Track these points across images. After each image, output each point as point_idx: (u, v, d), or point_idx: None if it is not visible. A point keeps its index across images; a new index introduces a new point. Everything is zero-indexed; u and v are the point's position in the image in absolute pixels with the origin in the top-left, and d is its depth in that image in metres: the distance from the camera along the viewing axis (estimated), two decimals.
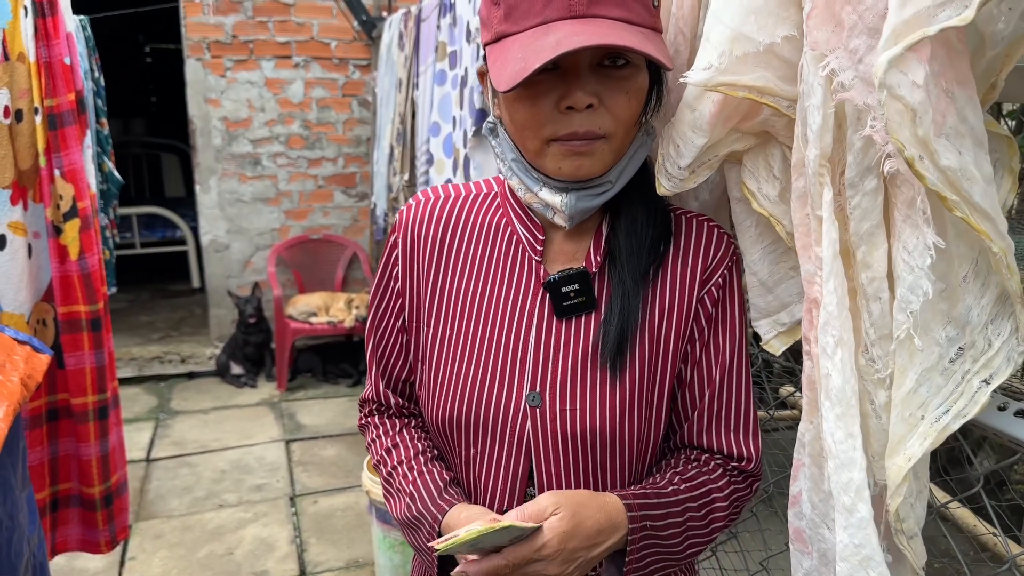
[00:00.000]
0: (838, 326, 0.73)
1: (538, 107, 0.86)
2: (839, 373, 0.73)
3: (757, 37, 0.78)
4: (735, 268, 0.97)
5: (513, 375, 0.95)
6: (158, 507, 3.30)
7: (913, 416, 0.72)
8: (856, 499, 0.72)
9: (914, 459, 0.71)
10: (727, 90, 0.80)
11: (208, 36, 4.65)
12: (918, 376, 0.71)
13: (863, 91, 0.67)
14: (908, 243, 0.69)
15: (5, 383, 1.34)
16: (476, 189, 1.07)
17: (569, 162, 0.88)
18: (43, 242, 2.00)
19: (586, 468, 0.94)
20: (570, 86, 0.84)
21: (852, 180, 0.72)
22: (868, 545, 0.71)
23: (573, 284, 0.94)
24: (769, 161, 0.87)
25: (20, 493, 1.46)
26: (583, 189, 0.91)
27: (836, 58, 0.68)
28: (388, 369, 1.10)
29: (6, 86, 1.87)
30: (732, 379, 0.97)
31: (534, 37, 0.83)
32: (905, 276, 0.69)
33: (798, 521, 0.85)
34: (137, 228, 6.32)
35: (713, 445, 0.98)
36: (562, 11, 0.82)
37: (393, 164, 3.74)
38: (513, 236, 1.01)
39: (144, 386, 4.70)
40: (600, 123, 0.86)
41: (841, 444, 0.73)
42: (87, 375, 2.02)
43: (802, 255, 0.78)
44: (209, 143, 4.81)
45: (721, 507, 0.95)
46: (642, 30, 0.84)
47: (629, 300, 0.93)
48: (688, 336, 0.96)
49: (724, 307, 0.96)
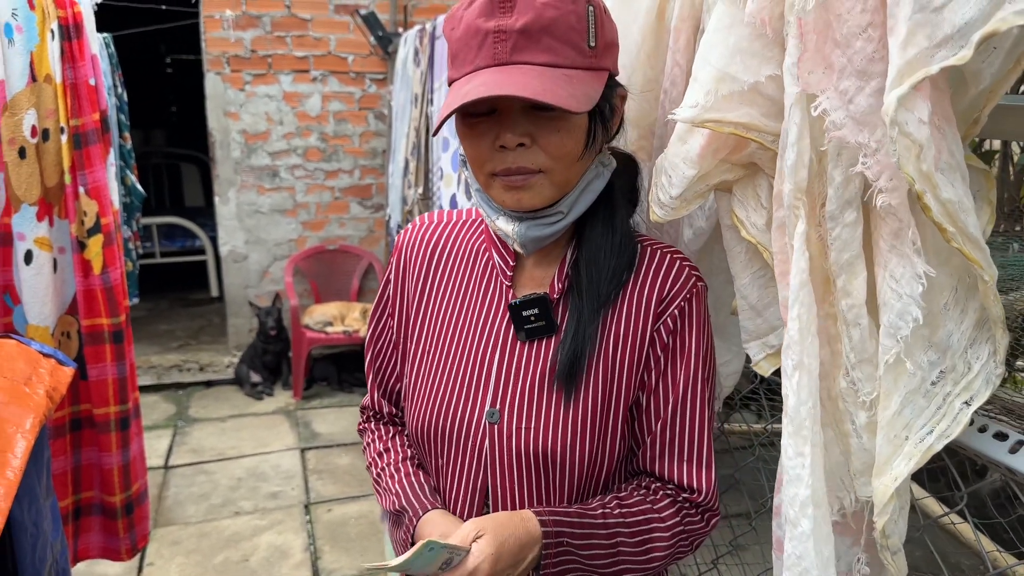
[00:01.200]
0: (799, 350, 0.77)
1: (479, 146, 0.92)
2: (795, 395, 0.77)
3: (742, 76, 0.82)
4: (696, 300, 0.99)
5: (476, 392, 1.01)
6: (175, 514, 3.37)
7: (898, 437, 0.76)
8: (800, 514, 0.76)
9: (900, 479, 0.75)
10: (714, 126, 0.85)
11: (228, 51, 4.75)
12: (902, 399, 0.75)
13: (854, 130, 0.71)
14: (895, 272, 0.73)
15: (31, 396, 1.39)
16: (467, 216, 1.13)
17: (509, 195, 0.94)
18: (68, 257, 2.07)
19: (539, 485, 0.98)
20: (502, 127, 0.90)
21: (832, 213, 0.77)
22: (807, 558, 0.76)
23: (533, 308, 0.99)
24: (757, 191, 0.92)
25: (44, 501, 1.51)
26: (534, 219, 0.96)
27: (827, 98, 0.73)
28: (383, 379, 1.18)
29: (34, 107, 1.94)
30: (686, 410, 0.99)
31: (462, 84, 0.89)
32: (893, 303, 0.73)
33: (779, 531, 0.89)
34: (157, 238, 6.42)
35: (664, 474, 1.00)
36: (488, 59, 0.88)
37: (408, 177, 3.80)
38: (490, 261, 1.06)
39: (163, 394, 4.78)
40: (533, 160, 0.91)
41: (791, 460, 0.77)
42: (109, 386, 2.08)
43: (780, 282, 0.82)
44: (228, 155, 4.90)
45: (662, 537, 0.97)
46: (567, 72, 0.87)
47: (584, 326, 0.97)
48: (644, 364, 0.99)
49: (681, 338, 0.98)
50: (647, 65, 1.10)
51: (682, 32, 1.03)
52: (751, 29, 0.80)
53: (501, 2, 0.86)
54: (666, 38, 1.06)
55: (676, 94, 1.04)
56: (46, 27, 1.95)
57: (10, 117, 1.89)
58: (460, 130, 0.94)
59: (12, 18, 1.89)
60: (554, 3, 0.86)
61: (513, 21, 0.86)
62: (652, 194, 0.98)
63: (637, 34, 1.08)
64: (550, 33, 0.86)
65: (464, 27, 0.90)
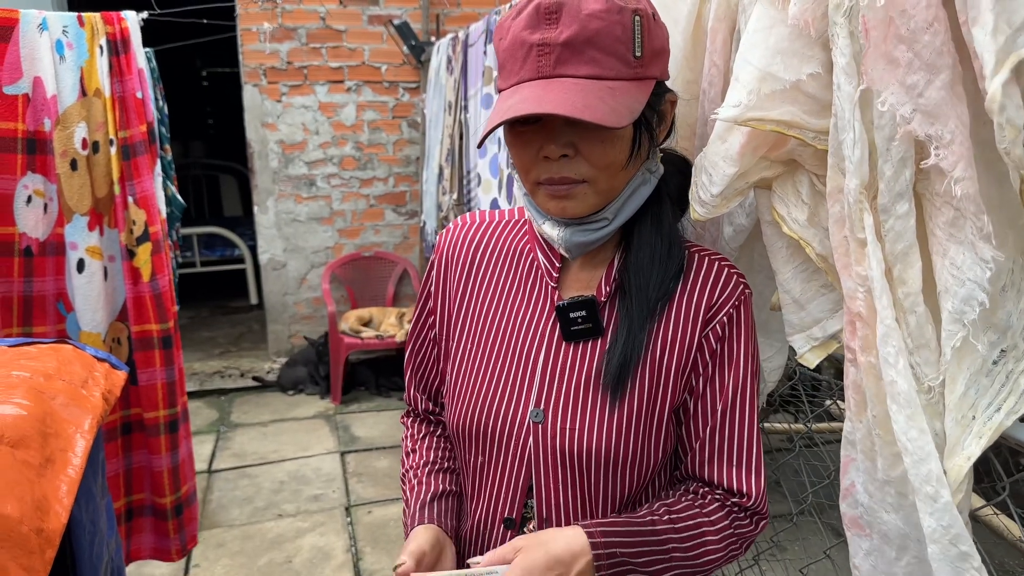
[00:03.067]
0: (897, 337, 0.78)
1: (524, 155, 0.94)
2: (904, 379, 0.78)
3: (784, 75, 0.84)
4: (743, 308, 1.00)
5: (521, 391, 1.02)
6: (220, 517, 3.43)
7: (965, 418, 0.77)
8: (938, 487, 0.77)
9: (973, 457, 0.77)
10: (756, 125, 0.86)
11: (264, 63, 4.84)
12: (967, 380, 0.77)
13: (924, 123, 0.72)
14: (956, 259, 0.74)
15: (88, 398, 1.44)
16: (509, 216, 1.15)
17: (554, 204, 0.95)
18: (118, 265, 2.13)
19: (583, 486, 0.99)
20: (546, 138, 0.91)
21: (884, 205, 0.78)
22: (956, 524, 0.76)
23: (581, 311, 1.00)
24: (797, 187, 0.93)
25: (100, 501, 1.56)
26: (580, 225, 0.98)
27: (892, 94, 0.73)
28: (422, 376, 1.20)
29: (84, 120, 2.01)
30: (735, 414, 1.00)
31: (508, 96, 0.90)
32: (956, 289, 0.74)
33: (852, 510, 0.90)
34: (197, 247, 6.55)
35: (713, 479, 1.01)
36: (532, 72, 0.89)
37: (443, 183, 3.84)
38: (535, 262, 1.08)
39: (205, 400, 4.87)
40: (576, 170, 0.92)
41: (916, 441, 0.78)
42: (159, 390, 2.14)
43: (843, 274, 0.84)
44: (267, 166, 4.99)
45: (713, 540, 0.98)
46: (611, 84, 0.87)
47: (634, 332, 0.98)
48: (692, 368, 0.99)
49: (729, 344, 0.99)
50: (686, 68, 1.11)
51: (718, 33, 1.04)
52: (792, 29, 0.82)
53: (547, 14, 0.87)
54: (703, 40, 1.08)
55: (714, 94, 1.05)
56: (95, 43, 2.01)
57: (62, 131, 1.96)
58: (507, 139, 0.96)
59: (63, 35, 1.96)
60: (599, 14, 0.86)
61: (557, 34, 0.86)
62: (692, 192, 0.99)
63: (679, 38, 1.10)
64: (594, 45, 0.87)
65: (511, 38, 0.91)
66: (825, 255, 0.92)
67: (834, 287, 0.96)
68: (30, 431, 1.20)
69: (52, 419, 1.28)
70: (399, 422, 1.28)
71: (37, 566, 1.07)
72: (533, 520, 1.03)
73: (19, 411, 1.21)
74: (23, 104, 1.88)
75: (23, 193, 1.90)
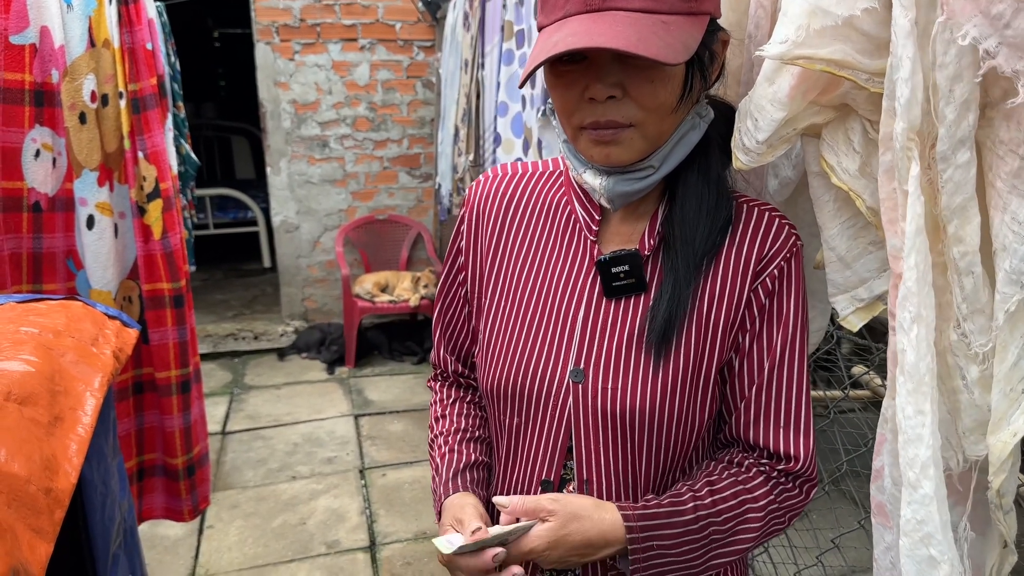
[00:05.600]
0: (916, 302, 0.72)
1: (567, 96, 0.88)
2: (913, 349, 0.72)
3: (836, 10, 0.76)
4: (795, 261, 0.94)
5: (560, 350, 0.97)
6: (234, 478, 3.43)
7: (1014, 391, 0.71)
8: (921, 475, 0.71)
9: (1020, 434, 0.70)
10: (804, 63, 0.79)
11: (277, 20, 4.74)
12: (1020, 349, 0.70)
13: (1011, 57, 0.64)
14: (1018, 214, 0.67)
15: (99, 355, 1.40)
16: (543, 167, 1.09)
17: (597, 150, 0.89)
18: (128, 222, 2.08)
19: (624, 447, 0.95)
20: (592, 77, 0.85)
21: (944, 153, 0.71)
22: (930, 522, 0.71)
23: (623, 265, 0.95)
24: (849, 135, 0.86)
25: (112, 460, 1.53)
26: (623, 173, 0.92)
27: (975, 26, 0.66)
28: (452, 335, 1.15)
29: (93, 72, 1.95)
30: (783, 373, 0.94)
31: (551, 32, 0.84)
32: (1016, 247, 0.67)
33: (880, 495, 0.84)
34: (210, 209, 6.52)
35: (760, 441, 0.96)
36: (580, 5, 0.82)
37: (458, 144, 3.77)
38: (572, 215, 1.02)
39: (219, 362, 4.87)
40: (624, 113, 0.86)
41: (910, 420, 0.72)
42: (170, 350, 2.10)
43: (888, 230, 0.77)
44: (279, 126, 4.92)
45: (754, 518, 0.93)
46: (664, 18, 0.81)
47: (680, 288, 0.92)
48: (739, 325, 0.94)
49: (779, 299, 0.94)
50: (730, 8, 1.03)
51: None
52: None
53: None
54: None
55: (760, 37, 0.98)
56: None
57: (70, 82, 1.90)
58: (548, 79, 0.89)
59: None
60: None
61: None
62: (735, 139, 0.92)
63: None
64: None
65: None
66: (876, 208, 0.85)
67: (883, 244, 0.90)
68: (38, 388, 1.16)
69: (61, 376, 1.24)
70: (425, 385, 1.24)
71: (46, 527, 1.04)
72: (573, 482, 0.98)
73: (27, 368, 1.18)
74: (30, 54, 1.82)
75: (31, 147, 1.85)
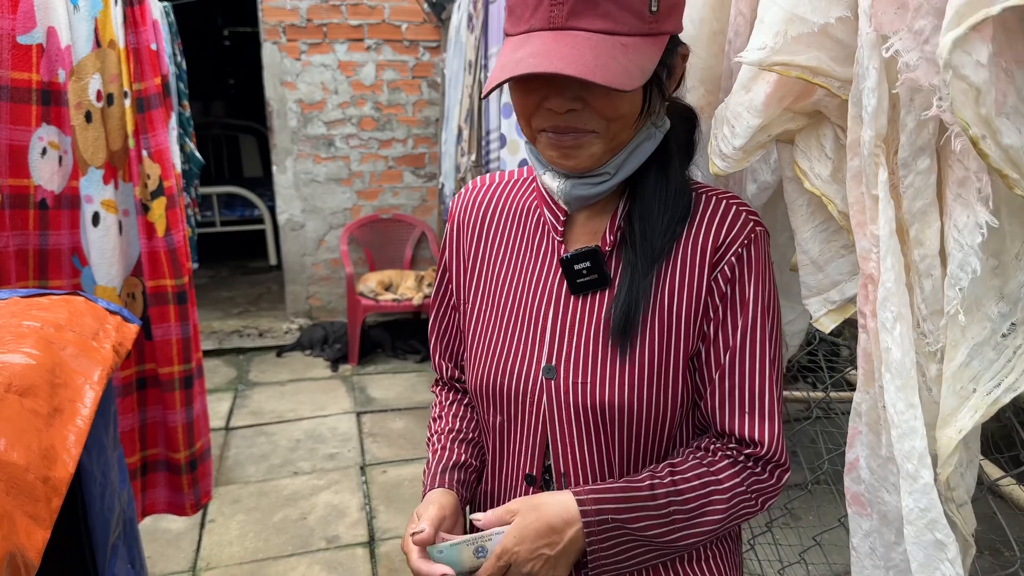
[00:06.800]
0: (896, 301, 0.74)
1: (526, 102, 0.89)
2: (899, 347, 0.75)
3: (811, 18, 0.79)
4: (754, 247, 0.95)
5: (532, 348, 1.00)
6: (236, 473, 3.46)
7: (964, 389, 0.73)
8: (919, 466, 0.74)
9: (964, 431, 0.73)
10: (781, 70, 0.82)
11: (284, 20, 4.78)
12: (969, 350, 0.73)
13: (928, 71, 0.68)
14: (959, 221, 0.70)
15: (99, 350, 1.44)
16: (519, 175, 1.12)
17: (557, 153, 0.91)
18: (132, 219, 2.12)
19: (598, 440, 0.97)
20: (552, 91, 0.86)
21: (905, 160, 0.74)
22: (933, 509, 0.74)
23: (585, 262, 0.97)
24: (821, 141, 0.88)
25: (112, 453, 1.56)
26: (580, 178, 0.94)
27: (900, 39, 0.69)
28: (446, 342, 1.19)
29: (98, 71, 1.98)
30: (744, 359, 0.95)
31: (515, 45, 0.85)
32: (955, 253, 0.70)
33: (856, 486, 0.87)
34: (217, 207, 6.57)
35: (725, 427, 0.97)
36: (543, 21, 0.84)
37: (461, 144, 3.80)
38: (541, 217, 1.05)
39: (224, 358, 4.91)
40: (585, 122, 0.88)
41: (903, 414, 0.75)
42: (173, 346, 2.14)
43: (857, 232, 0.79)
44: (285, 125, 4.96)
45: (719, 500, 0.95)
46: (624, 41, 0.83)
47: (637, 280, 0.94)
48: (703, 314, 0.95)
49: (739, 286, 0.94)
50: (712, 18, 1.06)
51: None
52: None
53: None
54: None
55: (740, 44, 1.01)
56: None
57: (76, 82, 1.93)
58: (509, 84, 0.91)
59: None
60: None
61: None
62: (712, 146, 0.95)
63: None
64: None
65: None
66: (847, 212, 0.88)
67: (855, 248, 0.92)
68: (39, 380, 1.20)
69: (61, 369, 1.28)
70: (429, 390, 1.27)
71: (43, 514, 1.07)
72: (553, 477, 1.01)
73: (28, 360, 1.21)
74: (37, 54, 1.85)
75: (38, 145, 1.88)
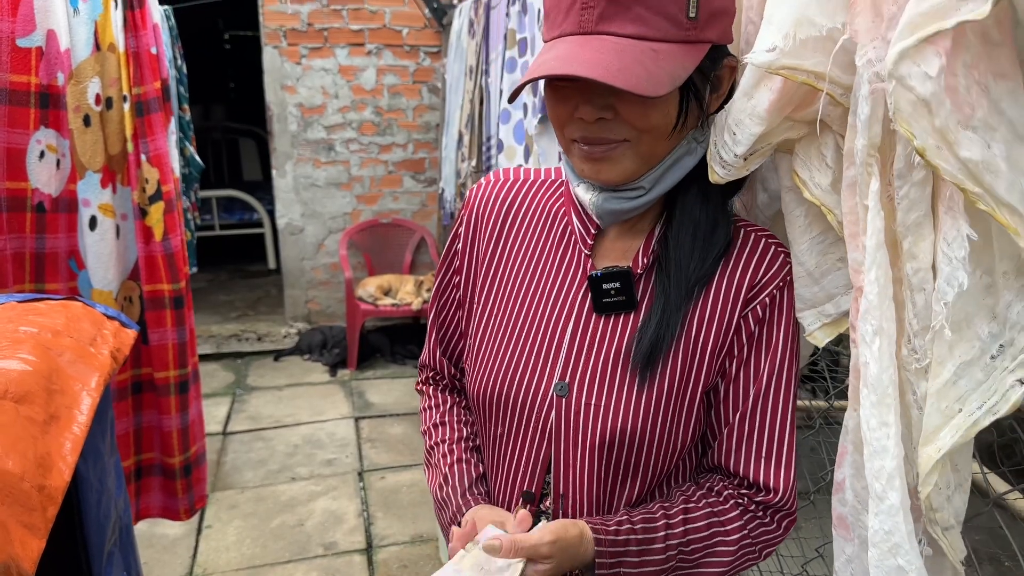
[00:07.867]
0: (878, 315, 0.73)
1: (560, 110, 0.88)
2: (876, 362, 0.73)
3: (820, 21, 0.77)
4: (788, 289, 0.94)
5: (546, 362, 0.96)
6: (234, 479, 3.45)
7: (950, 408, 0.71)
8: (887, 487, 0.72)
9: (943, 450, 0.71)
10: (788, 74, 0.80)
11: (285, 24, 4.78)
12: (956, 369, 0.70)
13: None
14: (948, 234, 0.69)
15: (96, 355, 1.43)
16: (545, 175, 1.08)
17: (588, 165, 0.89)
18: (130, 223, 2.11)
19: (604, 464, 0.94)
20: (582, 97, 0.84)
21: (900, 171, 0.72)
22: (897, 532, 0.72)
23: (615, 282, 0.94)
24: (822, 150, 0.87)
25: (108, 459, 1.56)
26: (614, 191, 0.92)
27: (874, 48, 0.69)
28: (446, 337, 1.15)
29: (98, 75, 1.98)
30: (767, 403, 0.93)
31: (546, 51, 0.84)
32: (943, 267, 0.68)
33: (841, 507, 0.85)
34: (216, 211, 6.56)
35: (740, 469, 0.95)
36: (574, 26, 0.82)
37: (462, 150, 3.80)
38: (568, 227, 1.01)
39: (222, 363, 4.90)
40: (616, 132, 0.86)
41: (875, 432, 0.73)
42: (169, 350, 2.13)
43: (850, 244, 0.78)
44: (285, 129, 4.96)
45: (724, 552, 0.93)
46: (655, 46, 0.81)
47: (670, 312, 0.91)
48: (727, 351, 0.93)
49: (768, 327, 0.93)
50: None
51: None
52: None
53: None
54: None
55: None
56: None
57: (75, 85, 1.93)
58: (546, 91, 0.89)
59: None
60: None
61: None
62: (712, 152, 0.94)
63: None
64: (642, 2, 0.80)
65: None
66: None
67: None
68: (35, 387, 1.19)
69: (58, 376, 1.27)
70: (415, 390, 1.23)
71: (38, 523, 1.06)
72: (551, 496, 0.98)
73: (24, 367, 1.20)
74: (36, 57, 1.85)
75: (36, 148, 1.88)
